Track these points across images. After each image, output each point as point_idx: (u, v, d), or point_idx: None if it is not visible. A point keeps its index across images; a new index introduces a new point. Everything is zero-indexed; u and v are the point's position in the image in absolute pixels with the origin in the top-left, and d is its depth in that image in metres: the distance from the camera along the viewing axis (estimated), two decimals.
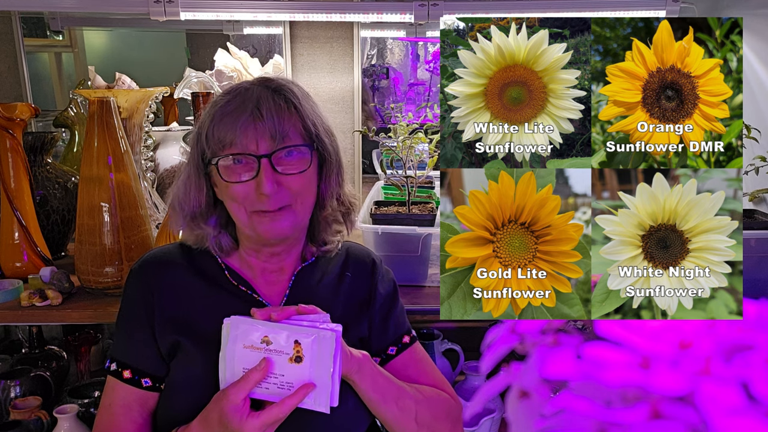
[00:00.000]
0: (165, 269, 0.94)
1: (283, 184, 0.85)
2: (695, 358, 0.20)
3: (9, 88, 1.89)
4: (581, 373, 0.21)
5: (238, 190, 0.85)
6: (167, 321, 0.90)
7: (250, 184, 0.84)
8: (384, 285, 1.01)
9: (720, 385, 0.19)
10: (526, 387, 0.24)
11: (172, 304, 0.91)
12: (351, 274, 1.00)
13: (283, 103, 0.85)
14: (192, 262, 0.96)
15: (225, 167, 0.86)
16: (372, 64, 2.12)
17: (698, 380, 0.19)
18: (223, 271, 0.95)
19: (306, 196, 0.88)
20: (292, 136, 0.85)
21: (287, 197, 0.86)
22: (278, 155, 0.84)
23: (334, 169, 0.93)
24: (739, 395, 0.19)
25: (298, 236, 0.94)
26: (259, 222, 0.86)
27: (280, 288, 0.96)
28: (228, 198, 0.88)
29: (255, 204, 0.85)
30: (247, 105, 0.84)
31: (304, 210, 0.89)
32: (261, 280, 0.95)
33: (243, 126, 0.83)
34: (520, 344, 0.25)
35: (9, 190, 1.34)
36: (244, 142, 0.83)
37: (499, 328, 0.26)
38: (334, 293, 0.98)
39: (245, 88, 0.86)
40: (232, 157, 0.85)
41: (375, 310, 0.98)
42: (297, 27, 1.89)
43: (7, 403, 1.44)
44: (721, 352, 0.20)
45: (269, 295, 0.95)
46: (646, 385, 0.19)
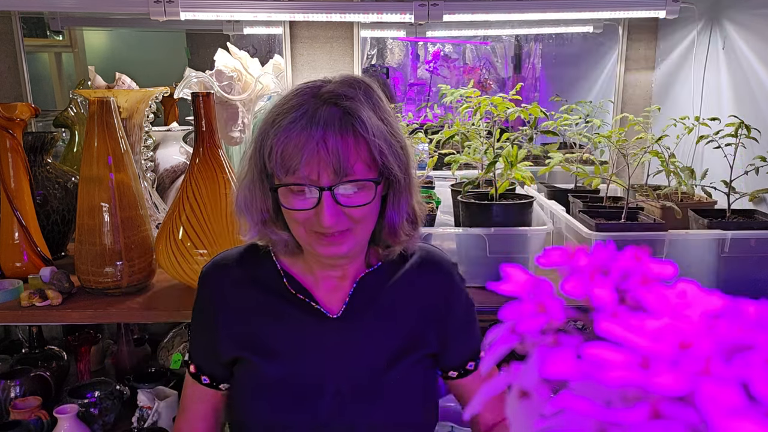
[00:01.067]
0: (226, 277, 0.93)
1: (344, 214, 0.82)
2: (695, 358, 0.20)
3: (9, 88, 1.89)
4: (581, 373, 0.21)
5: (297, 216, 0.83)
6: (227, 336, 0.91)
7: (310, 212, 0.82)
8: (462, 295, 0.96)
9: (720, 385, 0.19)
10: (526, 387, 0.24)
11: (232, 318, 0.91)
12: (423, 280, 0.94)
13: (351, 135, 0.79)
14: (252, 269, 0.94)
15: (285, 194, 0.83)
16: (372, 64, 2.12)
17: (698, 380, 0.19)
18: (281, 279, 0.92)
19: (368, 221, 0.85)
20: (357, 170, 0.80)
21: (347, 223, 0.83)
22: (341, 188, 0.81)
23: (404, 191, 0.87)
24: (740, 395, 0.19)
25: (360, 249, 0.91)
26: (317, 243, 0.83)
27: (341, 295, 0.92)
28: (289, 218, 0.85)
29: (315, 228, 0.82)
30: (313, 131, 0.78)
31: (365, 231, 0.86)
32: (321, 287, 0.92)
33: (308, 155, 0.78)
34: (520, 344, 0.25)
35: (9, 190, 1.34)
36: (306, 171, 0.79)
37: (499, 328, 0.26)
38: (403, 301, 0.93)
39: (313, 105, 0.80)
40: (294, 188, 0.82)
41: (451, 321, 0.93)
42: (297, 27, 1.89)
43: (7, 403, 1.44)
44: (721, 352, 0.20)
45: (329, 303, 0.91)
46: (646, 385, 0.19)
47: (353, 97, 0.81)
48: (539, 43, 2.20)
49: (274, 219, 0.88)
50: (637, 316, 0.22)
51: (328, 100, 0.80)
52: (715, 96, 1.72)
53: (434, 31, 2.14)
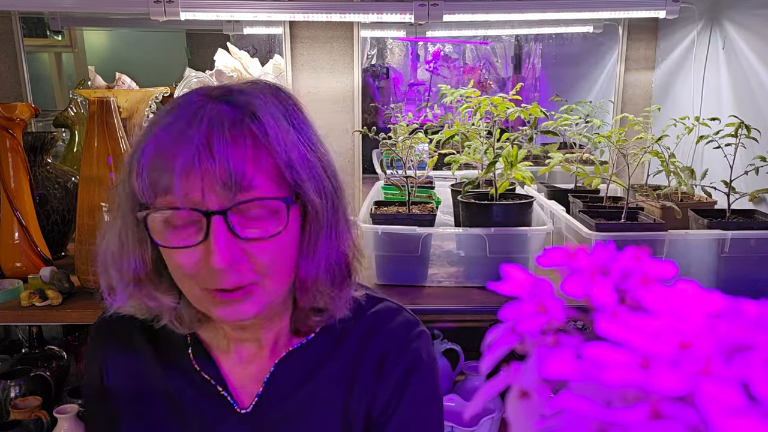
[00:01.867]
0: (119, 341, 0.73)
1: (245, 255, 0.59)
2: (695, 358, 0.20)
3: (9, 88, 1.89)
4: (581, 373, 0.21)
5: (182, 259, 0.59)
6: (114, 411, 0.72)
7: (197, 250, 0.58)
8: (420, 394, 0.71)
9: (720, 385, 0.19)
10: (526, 387, 0.24)
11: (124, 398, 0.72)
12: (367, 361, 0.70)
13: (248, 139, 0.57)
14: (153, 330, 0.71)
15: (157, 226, 0.59)
16: (372, 64, 2.12)
17: (698, 380, 0.19)
18: (186, 348, 0.71)
19: (280, 268, 0.61)
20: (259, 184, 0.58)
21: (251, 273, 0.59)
22: (237, 212, 0.58)
23: (325, 226, 0.63)
24: (740, 395, 0.19)
25: (272, 311, 0.68)
26: (212, 304, 0.60)
27: (256, 375, 0.70)
28: (172, 267, 0.61)
29: (207, 279, 0.59)
30: (191, 134, 0.56)
31: (276, 286, 0.62)
32: (234, 359, 0.70)
33: (184, 165, 0.55)
34: (520, 344, 0.25)
35: (9, 190, 1.34)
36: (185, 189, 0.56)
37: (499, 328, 0.26)
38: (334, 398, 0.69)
39: (194, 102, 0.59)
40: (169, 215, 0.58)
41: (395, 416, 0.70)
42: (297, 27, 1.88)
43: (7, 403, 1.44)
44: (721, 352, 0.20)
45: (241, 387, 0.70)
46: (646, 385, 0.19)
47: (252, 93, 0.61)
48: (539, 43, 2.20)
49: (154, 278, 0.64)
50: (637, 316, 0.22)
51: (217, 96, 0.60)
52: (715, 96, 1.72)
53: (434, 31, 2.13)
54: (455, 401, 1.37)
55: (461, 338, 1.61)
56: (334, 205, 0.64)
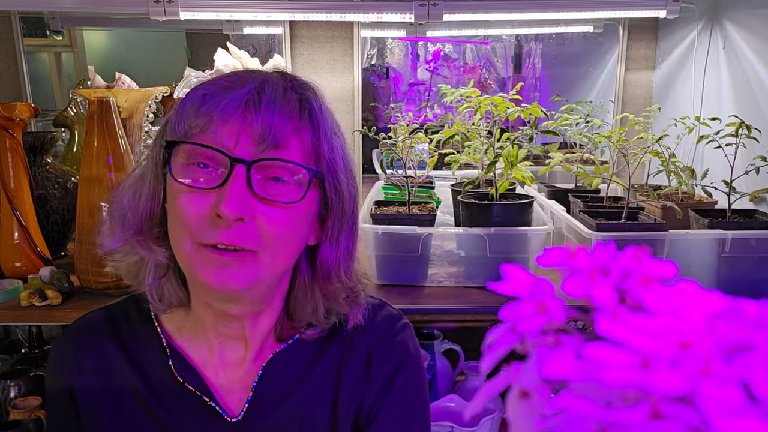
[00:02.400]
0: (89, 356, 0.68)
1: (254, 216, 0.57)
2: (695, 358, 0.20)
3: (9, 88, 1.89)
4: (581, 373, 0.21)
5: (189, 204, 0.57)
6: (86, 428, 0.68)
7: (208, 197, 0.57)
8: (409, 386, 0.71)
9: (720, 385, 0.19)
10: (526, 387, 0.24)
11: (99, 418, 0.67)
12: (357, 357, 0.70)
13: (296, 110, 0.59)
14: (128, 339, 0.68)
15: (182, 164, 0.58)
16: (372, 64, 2.12)
17: (698, 380, 0.19)
18: (166, 359, 0.67)
19: (283, 243, 0.60)
20: (293, 148, 0.58)
21: (253, 238, 0.57)
22: (262, 170, 0.58)
23: (347, 221, 0.64)
24: (740, 395, 0.19)
25: (262, 298, 0.65)
26: (202, 262, 0.57)
27: (243, 379, 0.68)
28: (173, 215, 0.60)
29: (205, 231, 0.57)
30: (244, 84, 0.57)
31: (274, 262, 0.60)
32: (218, 363, 0.67)
33: (226, 109, 0.56)
34: (520, 344, 0.25)
35: (9, 190, 1.34)
36: (219, 132, 0.56)
37: (499, 328, 0.25)
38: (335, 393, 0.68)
39: (253, 69, 0.61)
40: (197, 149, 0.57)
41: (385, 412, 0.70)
42: (297, 27, 1.88)
43: (7, 403, 1.44)
44: (722, 352, 0.20)
45: (227, 395, 0.67)
46: (646, 385, 0.19)
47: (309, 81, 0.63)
48: (539, 43, 2.20)
49: (153, 230, 0.63)
50: (638, 316, 0.22)
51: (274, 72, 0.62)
52: (716, 96, 1.72)
53: (434, 30, 2.13)
54: (455, 401, 1.37)
55: (461, 338, 1.61)
56: (353, 206, 0.65)
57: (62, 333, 0.70)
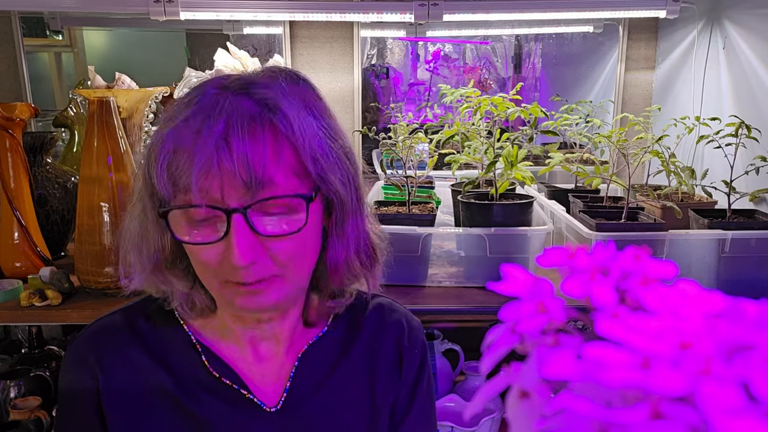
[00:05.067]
0: (113, 358, 0.67)
1: (266, 249, 0.58)
2: (695, 358, 0.20)
3: (9, 88, 1.89)
4: (581, 374, 0.21)
5: (201, 255, 0.59)
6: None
7: (218, 246, 0.58)
8: (427, 369, 0.76)
9: (720, 385, 0.19)
10: (526, 387, 0.24)
11: (128, 416, 0.66)
12: (383, 347, 0.74)
13: (268, 134, 0.56)
14: (153, 340, 0.68)
15: (178, 222, 0.59)
16: (372, 64, 2.12)
17: (698, 380, 0.19)
18: (198, 356, 0.68)
19: (302, 260, 0.62)
20: (280, 181, 0.57)
21: (273, 267, 0.59)
22: (259, 210, 0.57)
23: (351, 214, 0.64)
24: (740, 395, 0.19)
25: (293, 300, 0.68)
26: (234, 294, 0.60)
27: (276, 370, 0.69)
28: (192, 259, 0.62)
29: (227, 273, 0.59)
30: (209, 131, 0.55)
31: (299, 276, 0.63)
32: (251, 360, 0.69)
33: (202, 163, 0.54)
34: (520, 344, 0.25)
35: (9, 190, 1.34)
36: (204, 187, 0.55)
37: (499, 328, 0.25)
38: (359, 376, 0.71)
39: (212, 95, 0.57)
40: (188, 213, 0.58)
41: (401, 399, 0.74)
42: (297, 27, 1.89)
43: (7, 403, 1.44)
44: (722, 352, 0.20)
45: (263, 386, 0.68)
46: (647, 385, 0.19)
47: (272, 86, 0.59)
48: (539, 43, 2.20)
49: (170, 262, 0.64)
50: (638, 316, 0.22)
51: (236, 89, 0.58)
52: (716, 96, 1.72)
53: (434, 30, 2.14)
54: (455, 401, 1.37)
55: (461, 338, 1.61)
56: (356, 189, 0.64)
57: (76, 338, 0.69)
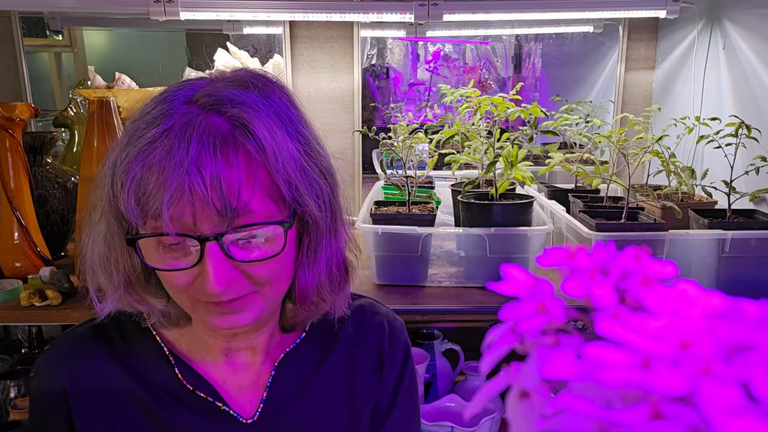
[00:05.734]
0: (83, 372, 0.65)
1: (243, 272, 0.57)
2: (695, 358, 0.20)
3: (9, 88, 1.89)
4: (581, 374, 0.21)
5: (173, 280, 0.57)
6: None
7: (191, 271, 0.56)
8: (410, 371, 0.75)
9: (720, 385, 0.19)
10: (526, 387, 0.24)
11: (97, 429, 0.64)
12: (363, 352, 0.72)
13: (242, 157, 0.53)
14: (124, 352, 0.66)
15: (148, 248, 0.56)
16: (372, 64, 2.12)
17: (698, 380, 0.19)
18: (171, 368, 0.65)
19: (278, 281, 0.60)
20: (255, 207, 0.54)
21: (248, 287, 0.58)
22: (234, 237, 0.55)
23: (325, 234, 0.61)
24: (740, 395, 0.19)
25: (270, 314, 0.66)
26: (207, 313, 0.58)
27: (253, 381, 0.67)
28: (163, 281, 0.59)
29: (200, 295, 0.57)
30: (180, 156, 0.51)
31: (275, 293, 0.61)
32: (225, 370, 0.67)
33: (173, 192, 0.51)
34: (520, 344, 0.25)
35: (8, 190, 1.34)
36: (175, 215, 0.52)
37: (499, 328, 0.25)
38: (337, 384, 0.70)
39: (182, 113, 0.54)
40: (158, 240, 0.55)
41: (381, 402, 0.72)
42: (297, 27, 1.88)
43: (7, 403, 1.44)
44: (722, 352, 0.20)
45: (238, 398, 0.66)
46: (647, 385, 0.19)
47: (244, 101, 0.55)
48: (539, 43, 2.20)
49: (143, 281, 0.61)
50: (638, 316, 0.22)
51: (206, 106, 0.55)
52: (716, 96, 1.72)
53: (434, 30, 2.14)
54: (455, 401, 1.37)
55: (461, 338, 1.61)
56: (332, 209, 0.62)
57: (47, 348, 0.68)
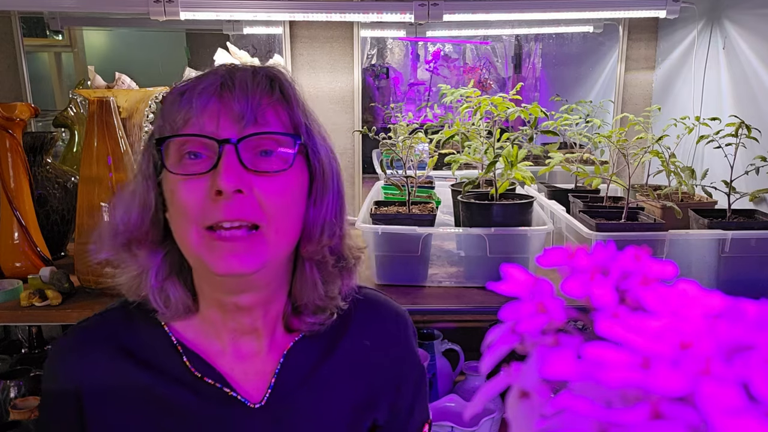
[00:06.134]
0: (94, 360, 0.67)
1: (251, 188, 0.60)
2: (695, 358, 0.20)
3: (9, 88, 1.89)
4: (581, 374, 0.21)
5: (188, 191, 0.60)
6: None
7: (205, 181, 0.59)
8: (416, 358, 0.78)
9: (720, 385, 0.19)
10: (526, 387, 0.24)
11: (110, 418, 0.66)
12: (372, 342, 0.74)
13: (265, 81, 0.62)
14: (133, 342, 0.68)
15: (173, 158, 0.61)
16: (372, 64, 2.12)
17: (698, 380, 0.19)
18: (179, 356, 0.67)
19: (283, 216, 0.62)
20: (272, 121, 0.61)
21: (254, 209, 0.60)
22: (249, 145, 0.60)
23: (330, 192, 0.66)
24: (740, 395, 0.19)
25: (272, 281, 0.67)
26: (210, 247, 0.59)
27: (260, 368, 0.69)
28: (175, 210, 0.62)
29: (208, 212, 0.59)
30: (215, 73, 0.61)
31: (278, 239, 0.62)
32: (232, 358, 0.68)
33: (203, 99, 0.59)
34: (520, 344, 0.25)
35: (9, 190, 1.34)
36: (201, 120, 0.59)
37: (499, 328, 0.26)
38: (346, 373, 0.72)
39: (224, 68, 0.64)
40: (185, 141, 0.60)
41: (404, 393, 0.76)
42: (297, 27, 1.88)
43: (7, 403, 1.44)
44: (722, 352, 0.20)
45: (245, 384, 0.68)
46: (647, 385, 0.19)
47: (275, 69, 0.66)
48: (539, 43, 2.20)
49: (144, 238, 0.65)
50: (638, 316, 0.22)
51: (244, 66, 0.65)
52: (716, 96, 1.72)
53: (434, 30, 2.13)
54: (455, 401, 1.37)
55: (461, 338, 1.61)
56: (336, 179, 0.67)
57: (56, 342, 0.70)
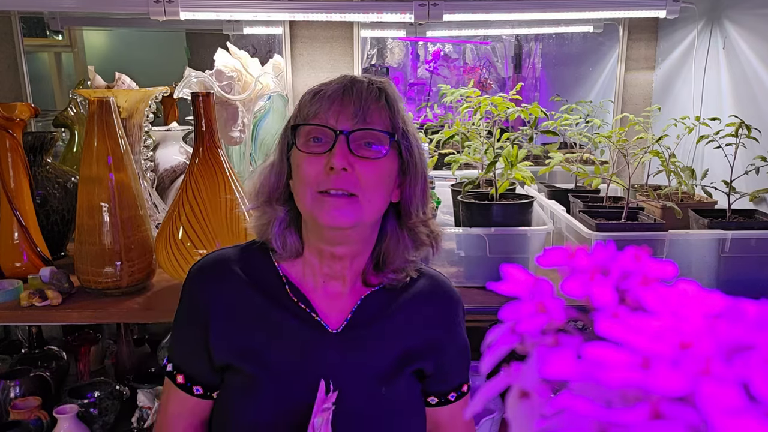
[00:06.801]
0: (222, 278, 0.90)
1: (354, 168, 0.82)
2: (695, 358, 0.20)
3: (9, 88, 1.89)
4: (581, 373, 0.21)
5: (309, 165, 0.83)
6: (222, 339, 0.87)
7: (322, 159, 0.82)
8: (463, 333, 0.95)
9: (720, 385, 0.19)
10: (526, 387, 0.24)
11: (228, 321, 0.87)
12: (429, 310, 0.93)
13: (376, 91, 0.85)
14: (251, 270, 0.91)
15: (302, 139, 0.85)
16: (372, 64, 2.12)
17: (698, 380, 0.19)
18: (283, 285, 0.90)
19: (374, 190, 0.84)
20: (376, 121, 0.83)
21: (354, 183, 0.82)
22: (357, 137, 0.82)
23: (420, 181, 0.88)
24: (740, 395, 0.19)
25: (361, 239, 0.89)
26: (320, 205, 0.82)
27: (341, 307, 0.90)
28: (298, 178, 0.85)
29: (321, 183, 0.82)
30: (341, 82, 0.85)
31: (368, 207, 0.84)
32: (321, 294, 0.90)
33: (330, 99, 0.83)
34: (520, 344, 0.25)
35: (9, 190, 1.34)
36: (326, 115, 0.83)
37: (499, 328, 0.25)
38: (404, 325, 0.91)
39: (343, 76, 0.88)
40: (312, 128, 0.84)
41: (449, 355, 0.93)
42: (297, 27, 1.89)
43: (7, 403, 1.44)
44: (722, 352, 0.20)
45: (328, 315, 0.89)
46: (647, 385, 0.19)
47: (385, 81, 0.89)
48: (539, 43, 2.20)
49: (278, 197, 0.89)
50: (638, 316, 0.22)
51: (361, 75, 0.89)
52: (716, 96, 1.72)
53: (434, 30, 2.14)
54: None
55: None
56: (424, 170, 0.89)
57: (198, 261, 0.93)
